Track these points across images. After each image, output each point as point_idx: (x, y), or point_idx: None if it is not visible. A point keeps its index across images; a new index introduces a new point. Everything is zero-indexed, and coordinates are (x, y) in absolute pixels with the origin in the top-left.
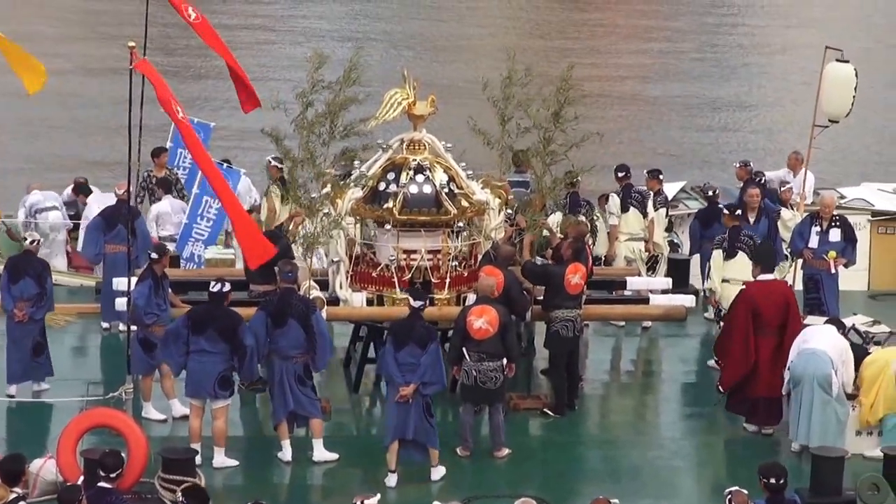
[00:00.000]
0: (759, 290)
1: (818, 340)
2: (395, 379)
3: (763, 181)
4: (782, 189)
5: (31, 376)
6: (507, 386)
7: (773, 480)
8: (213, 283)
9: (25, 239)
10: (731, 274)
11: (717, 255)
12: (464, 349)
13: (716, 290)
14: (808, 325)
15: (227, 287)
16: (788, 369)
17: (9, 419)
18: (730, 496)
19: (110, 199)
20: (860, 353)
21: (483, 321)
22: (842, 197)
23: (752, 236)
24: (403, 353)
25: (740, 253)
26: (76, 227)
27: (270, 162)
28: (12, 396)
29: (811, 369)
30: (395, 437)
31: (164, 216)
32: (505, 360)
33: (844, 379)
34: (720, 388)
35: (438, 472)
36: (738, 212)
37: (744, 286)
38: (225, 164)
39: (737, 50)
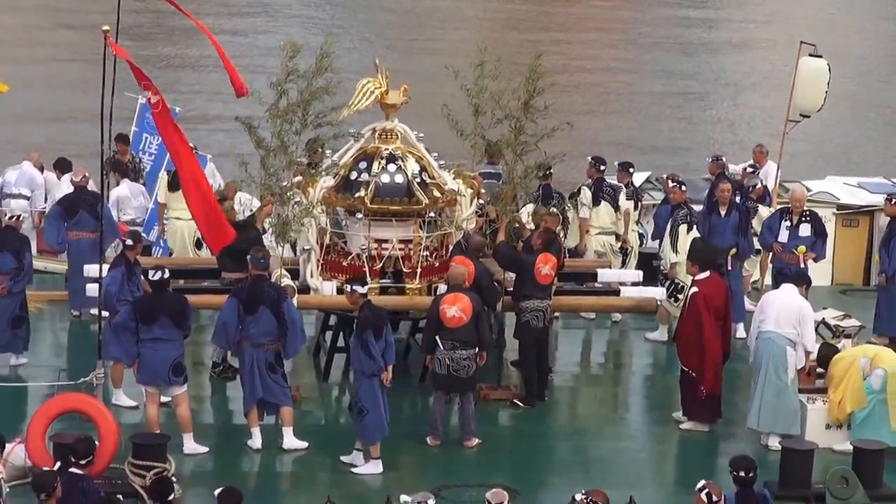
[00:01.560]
0: (707, 287)
1: (774, 317)
2: (387, 364)
3: (757, 171)
4: (755, 186)
5: (10, 348)
6: (478, 376)
7: (742, 473)
8: (152, 272)
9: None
10: (686, 247)
11: (685, 229)
12: (437, 338)
13: (676, 263)
14: (769, 292)
15: (167, 274)
16: (753, 356)
17: None
18: (707, 489)
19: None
20: (830, 352)
21: (456, 309)
22: (808, 190)
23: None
24: (383, 341)
25: (694, 226)
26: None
27: None
28: None
29: (766, 355)
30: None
31: (124, 200)
32: (477, 349)
33: (805, 339)
34: (703, 391)
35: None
36: (684, 187)
37: (695, 287)
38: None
39: (707, 42)
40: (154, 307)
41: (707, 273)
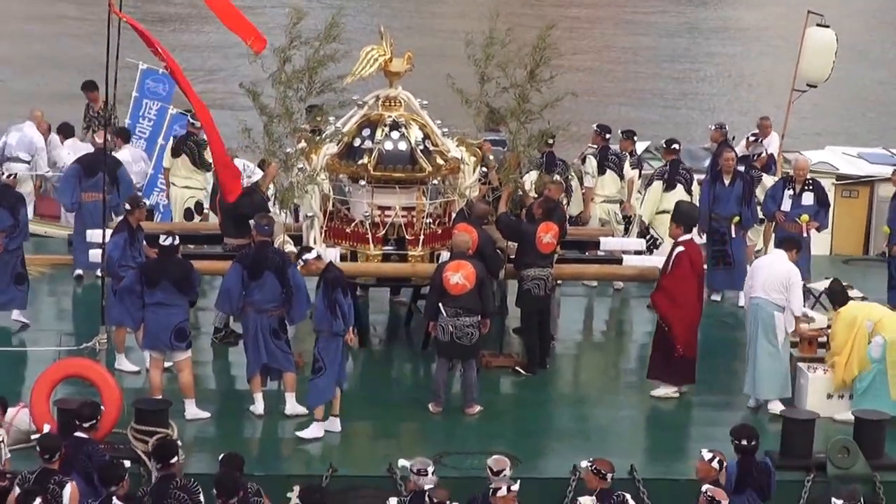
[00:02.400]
0: (691, 247)
1: (762, 283)
2: (351, 325)
3: (759, 139)
4: (759, 155)
5: (13, 304)
6: (480, 343)
7: (744, 442)
8: (163, 237)
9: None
10: (669, 205)
11: (657, 186)
12: (440, 305)
13: (646, 219)
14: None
15: (177, 240)
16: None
17: None
18: (717, 457)
19: (86, 147)
20: (839, 290)
21: (460, 276)
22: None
23: (689, 169)
24: (349, 298)
25: (679, 185)
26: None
27: None
28: None
29: (756, 321)
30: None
31: (125, 165)
32: (480, 316)
33: (793, 305)
34: (680, 350)
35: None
36: (675, 146)
37: (681, 247)
38: (189, 114)
39: (714, 12)
40: (158, 271)
41: (689, 235)
